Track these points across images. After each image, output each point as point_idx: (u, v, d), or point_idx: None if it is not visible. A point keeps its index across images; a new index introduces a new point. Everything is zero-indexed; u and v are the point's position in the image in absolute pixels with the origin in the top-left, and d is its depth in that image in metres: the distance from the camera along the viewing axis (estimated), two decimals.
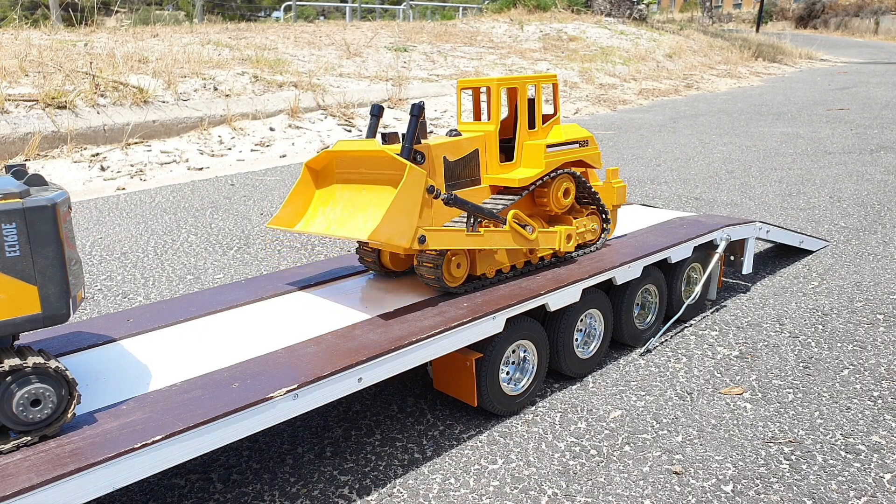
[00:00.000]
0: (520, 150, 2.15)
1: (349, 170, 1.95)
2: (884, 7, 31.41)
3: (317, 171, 2.01)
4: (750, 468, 1.70)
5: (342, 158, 1.96)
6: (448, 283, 1.94)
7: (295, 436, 1.89)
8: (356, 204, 1.89)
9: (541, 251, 2.18)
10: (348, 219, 1.86)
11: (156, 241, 3.66)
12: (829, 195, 4.44)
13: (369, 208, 1.84)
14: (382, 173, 1.86)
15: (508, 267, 2.11)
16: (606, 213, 2.38)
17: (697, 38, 17.31)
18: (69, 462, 1.20)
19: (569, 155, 2.20)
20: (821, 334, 2.46)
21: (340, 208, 1.92)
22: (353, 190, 1.93)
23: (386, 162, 1.83)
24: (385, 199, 1.81)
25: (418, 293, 2.01)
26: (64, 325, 1.81)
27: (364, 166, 1.90)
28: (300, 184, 1.98)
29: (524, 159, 2.15)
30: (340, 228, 1.85)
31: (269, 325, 1.80)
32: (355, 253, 2.21)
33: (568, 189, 2.22)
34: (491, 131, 2.07)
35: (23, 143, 5.23)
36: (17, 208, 1.21)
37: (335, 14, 22.41)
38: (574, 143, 2.23)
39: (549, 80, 2.22)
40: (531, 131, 2.17)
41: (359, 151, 1.89)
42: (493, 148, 2.08)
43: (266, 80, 7.45)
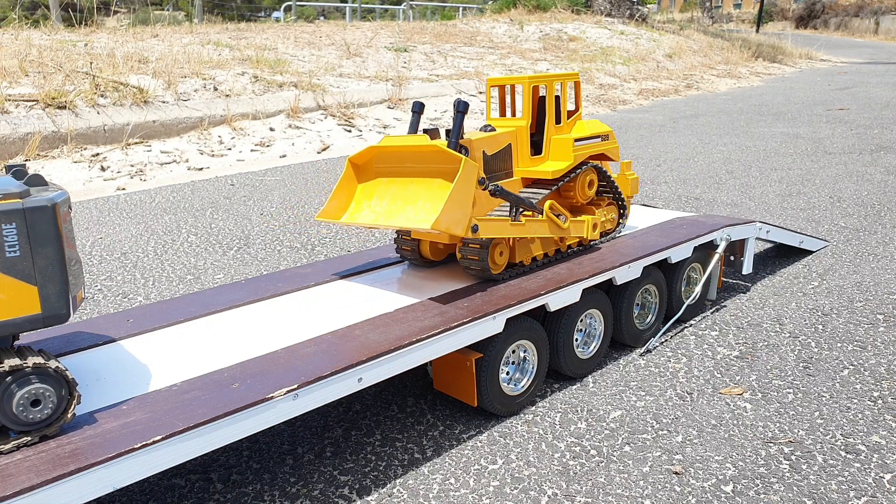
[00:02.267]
0: (548, 145, 2.26)
1: (393, 164, 2.03)
2: (884, 7, 31.40)
3: (359, 166, 2.09)
4: (750, 468, 1.70)
5: (387, 153, 2.03)
6: (492, 270, 2.04)
7: (295, 436, 1.89)
8: (404, 196, 1.97)
9: (569, 239, 2.31)
10: (398, 211, 1.95)
11: (156, 241, 3.66)
12: (829, 195, 4.44)
13: (420, 200, 1.93)
14: (432, 167, 1.94)
15: (542, 255, 2.23)
16: (624, 203, 2.51)
17: (697, 39, 17.31)
18: (69, 462, 1.20)
19: (593, 148, 2.33)
20: (821, 334, 2.46)
21: (387, 201, 2.00)
22: (398, 184, 2.02)
23: (438, 156, 1.91)
24: (438, 190, 1.91)
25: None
26: (64, 325, 1.81)
27: (411, 160, 1.99)
28: (344, 178, 2.06)
29: (552, 153, 2.27)
30: (391, 220, 1.94)
31: (269, 325, 1.80)
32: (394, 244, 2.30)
33: (592, 181, 2.37)
34: (522, 126, 2.19)
35: (23, 143, 5.23)
36: (17, 208, 1.21)
37: (335, 14, 22.41)
38: (597, 138, 2.36)
39: (572, 78, 2.37)
40: (558, 126, 2.28)
41: (407, 146, 1.97)
42: (525, 142, 2.20)
43: (266, 80, 7.45)
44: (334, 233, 3.75)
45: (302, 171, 5.45)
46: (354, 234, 3.70)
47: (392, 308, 1.88)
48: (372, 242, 3.56)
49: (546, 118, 2.25)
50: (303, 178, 5.15)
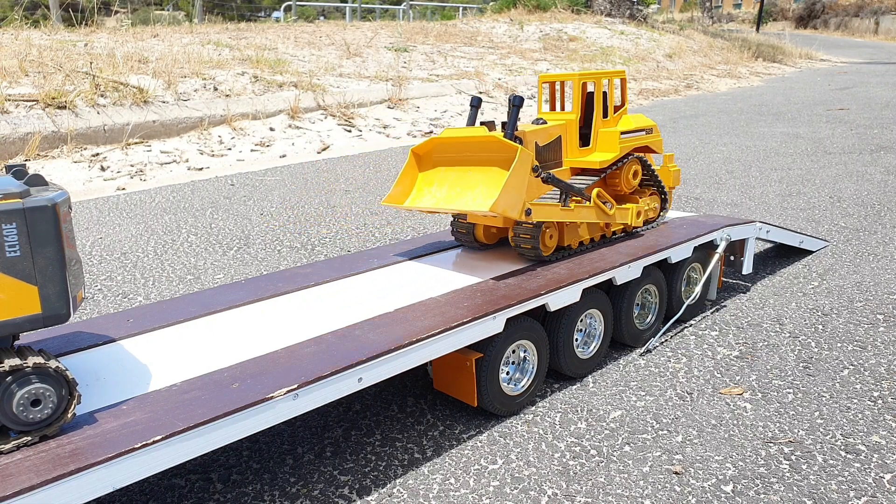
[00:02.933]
0: (595, 137, 2.42)
1: (452, 154, 2.20)
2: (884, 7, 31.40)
3: (420, 156, 2.26)
4: (750, 468, 1.70)
5: (447, 144, 2.19)
6: (543, 252, 2.21)
7: (295, 436, 1.89)
8: (462, 183, 2.14)
9: (614, 226, 2.46)
10: (458, 196, 2.12)
11: (156, 241, 3.66)
12: (829, 195, 4.44)
13: (478, 186, 2.09)
14: (489, 156, 2.10)
15: (588, 239, 2.40)
16: (665, 193, 2.65)
17: (697, 38, 17.31)
18: (69, 462, 1.20)
19: (638, 141, 2.49)
20: (821, 334, 2.46)
21: (446, 188, 2.17)
22: (457, 171, 2.18)
23: (495, 145, 2.06)
24: (495, 177, 2.06)
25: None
26: (64, 325, 1.81)
27: (470, 150, 2.14)
28: (406, 167, 2.23)
29: (599, 145, 2.42)
30: (452, 204, 2.11)
31: (269, 325, 1.80)
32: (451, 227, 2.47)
33: (636, 171, 2.53)
34: (572, 120, 2.35)
35: (23, 143, 5.23)
36: (17, 208, 1.21)
37: (335, 14, 22.41)
38: (642, 131, 2.52)
39: (619, 75, 2.52)
40: (605, 120, 2.44)
41: (467, 137, 2.13)
42: (574, 134, 2.37)
43: (266, 80, 7.45)
44: (334, 233, 3.75)
45: (302, 171, 5.45)
46: (354, 235, 3.70)
47: (392, 308, 1.88)
48: (372, 242, 3.56)
49: (594, 112, 2.40)
50: (303, 178, 5.15)
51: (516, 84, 9.72)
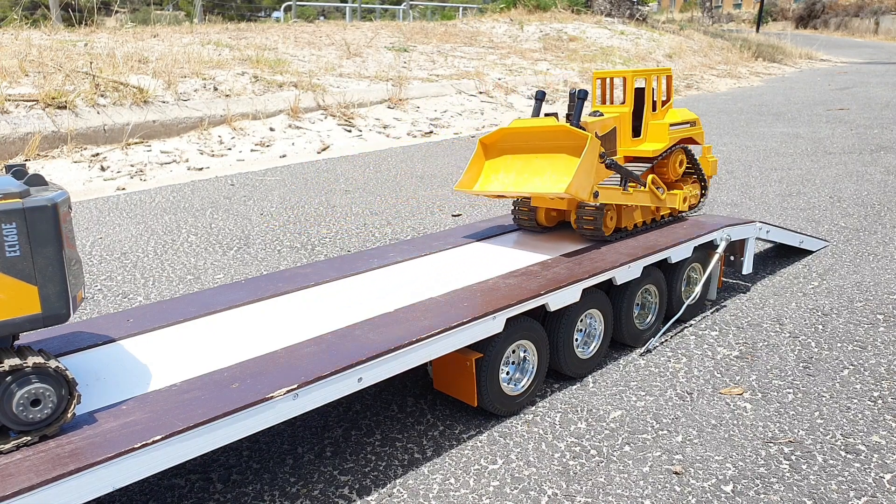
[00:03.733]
0: (646, 128, 2.62)
1: (519, 142, 2.36)
2: (884, 7, 31.40)
3: (487, 146, 2.43)
4: (750, 468, 1.70)
5: (514, 134, 2.35)
6: (605, 232, 2.43)
7: (295, 436, 1.89)
8: (530, 169, 2.30)
9: (663, 210, 2.68)
10: (527, 180, 2.29)
11: (156, 241, 3.66)
12: (829, 195, 4.44)
13: (547, 171, 2.25)
14: (558, 143, 2.26)
15: (641, 222, 2.60)
16: (706, 181, 2.86)
17: (697, 38, 17.31)
18: (69, 462, 1.20)
19: (684, 132, 2.69)
20: (821, 334, 2.46)
21: (514, 174, 2.33)
22: (524, 159, 2.34)
23: (564, 134, 2.23)
24: (565, 163, 2.23)
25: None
26: (64, 325, 1.81)
27: (538, 139, 2.31)
28: (475, 156, 2.40)
29: (649, 135, 2.63)
30: (522, 187, 2.28)
31: (269, 325, 1.80)
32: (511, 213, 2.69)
33: (682, 160, 2.74)
34: (626, 112, 2.55)
35: (23, 143, 5.23)
36: (17, 208, 1.21)
37: (335, 14, 22.41)
38: (687, 124, 2.71)
39: (666, 72, 2.71)
40: (653, 113, 2.64)
41: (536, 127, 2.29)
42: (627, 126, 2.56)
43: (266, 80, 7.45)
44: (334, 233, 3.75)
45: (302, 171, 5.45)
46: (354, 235, 3.70)
47: (392, 308, 1.88)
48: (372, 242, 3.56)
49: (644, 106, 2.60)
50: (303, 178, 5.15)
51: (516, 84, 9.72)
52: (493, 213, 4.10)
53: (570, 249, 2.37)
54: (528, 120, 2.34)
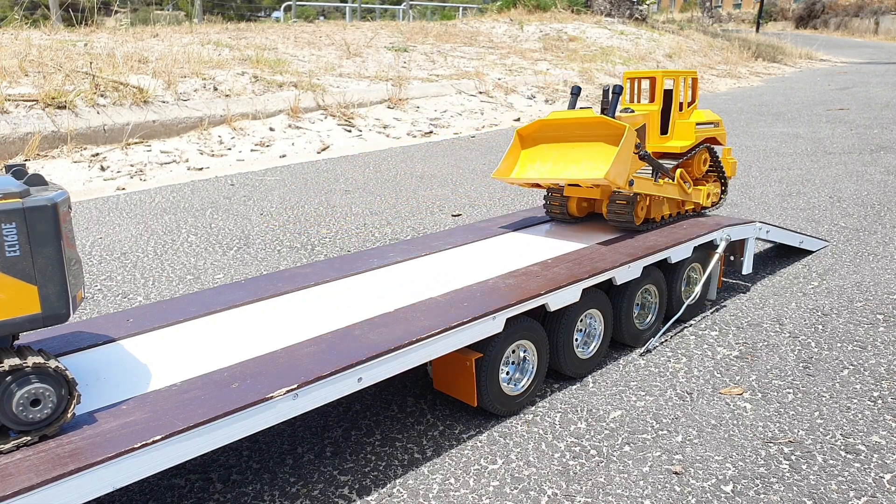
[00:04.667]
0: (673, 126, 2.74)
1: (556, 133, 2.46)
2: (884, 7, 31.40)
3: (524, 137, 2.54)
4: (750, 468, 1.70)
5: (552, 125, 2.45)
6: (636, 222, 2.52)
7: (295, 436, 1.89)
8: (567, 157, 2.40)
9: (688, 204, 2.80)
10: (563, 168, 2.39)
11: (156, 241, 3.66)
12: (829, 195, 4.44)
13: (584, 160, 2.35)
14: (596, 134, 2.36)
15: (668, 215, 2.71)
16: (726, 180, 2.99)
17: (697, 38, 17.31)
18: (69, 462, 1.20)
19: (708, 132, 2.82)
20: (821, 334, 2.46)
21: (551, 163, 2.44)
22: (561, 147, 2.44)
23: (602, 125, 2.33)
24: (602, 151, 2.33)
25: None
26: (64, 325, 1.81)
27: (575, 130, 2.41)
28: (512, 146, 2.52)
29: (676, 133, 2.74)
30: (559, 175, 2.38)
31: (269, 325, 1.80)
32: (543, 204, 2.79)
33: (706, 158, 2.87)
34: (654, 111, 2.68)
35: (23, 143, 5.23)
36: (17, 208, 1.21)
37: (335, 14, 22.40)
38: (711, 124, 2.84)
39: (692, 75, 2.83)
40: (680, 113, 2.75)
41: (574, 118, 2.40)
42: (656, 123, 2.69)
43: (266, 80, 7.45)
44: (334, 233, 3.75)
45: (302, 171, 5.45)
46: (354, 234, 3.70)
47: (392, 308, 1.88)
48: (372, 242, 3.56)
49: (672, 105, 2.71)
50: (303, 178, 5.15)
51: (516, 84, 9.73)
52: (493, 212, 4.10)
53: (571, 249, 2.37)
54: (565, 112, 2.44)
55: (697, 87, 2.83)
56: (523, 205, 4.28)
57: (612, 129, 2.32)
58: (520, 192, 4.63)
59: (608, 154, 2.30)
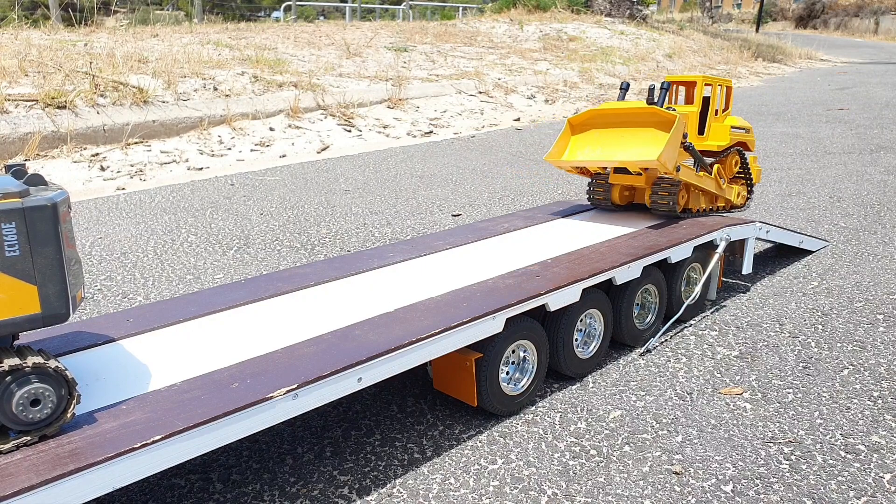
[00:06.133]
0: (709, 128, 2.92)
1: (607, 121, 2.63)
2: (884, 7, 31.40)
3: (574, 125, 2.73)
4: (750, 468, 1.70)
5: (603, 114, 2.64)
6: (676, 209, 2.67)
7: (295, 436, 1.89)
8: (619, 142, 2.58)
9: (720, 201, 2.98)
10: (615, 152, 2.56)
11: (156, 241, 3.65)
12: (829, 195, 4.44)
13: (635, 144, 2.52)
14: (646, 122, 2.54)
15: (703, 208, 2.88)
16: (752, 185, 3.17)
17: (697, 38, 17.31)
18: (69, 462, 1.20)
19: (741, 136, 3.00)
20: (821, 334, 2.46)
21: (601, 147, 2.61)
22: (611, 133, 2.62)
23: (653, 115, 2.53)
24: (653, 137, 2.50)
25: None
26: (64, 325, 1.81)
27: (626, 118, 2.58)
28: (563, 133, 2.74)
29: (712, 134, 2.92)
30: (610, 157, 2.55)
31: (269, 325, 1.80)
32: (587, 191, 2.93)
33: (737, 161, 3.06)
34: (694, 112, 2.85)
35: (23, 143, 5.23)
36: (16, 208, 1.21)
37: (335, 14, 22.40)
38: (743, 129, 3.01)
39: (727, 83, 3.00)
40: (716, 116, 2.93)
41: (625, 108, 2.58)
42: (694, 123, 2.87)
43: (266, 80, 7.44)
44: (334, 233, 3.75)
45: (302, 170, 5.44)
46: (354, 235, 3.70)
47: (392, 308, 1.88)
48: (372, 242, 3.56)
49: (709, 109, 2.89)
50: (303, 178, 5.15)
51: (516, 84, 9.73)
52: (493, 212, 4.10)
53: (571, 249, 2.37)
54: (617, 102, 2.63)
55: (731, 95, 3.00)
56: (523, 205, 4.28)
57: (663, 117, 2.49)
58: (519, 192, 4.63)
59: (660, 139, 2.46)
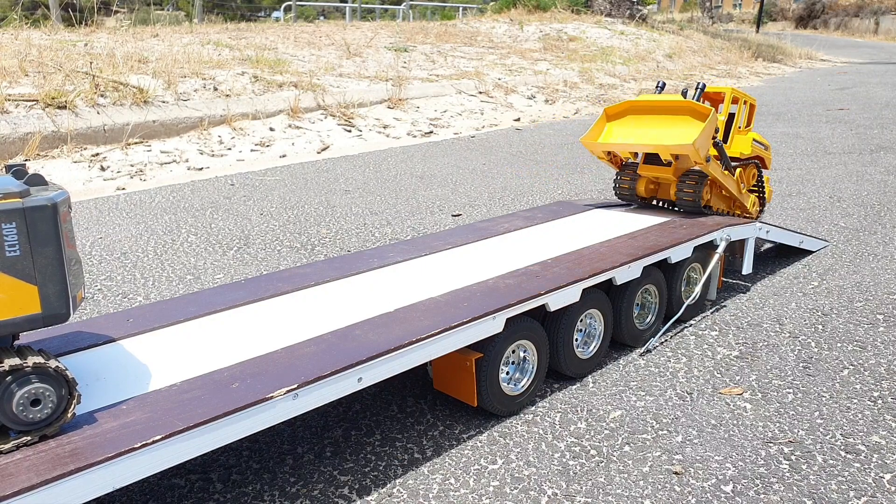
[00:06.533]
0: (733, 138, 3.03)
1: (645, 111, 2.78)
2: (884, 7, 31.39)
3: (610, 115, 2.87)
4: (750, 468, 1.70)
5: (640, 105, 2.80)
6: (701, 203, 2.77)
7: (295, 436, 1.89)
8: (653, 129, 2.72)
9: (738, 206, 3.08)
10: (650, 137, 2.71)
11: (156, 241, 3.66)
12: (829, 195, 4.44)
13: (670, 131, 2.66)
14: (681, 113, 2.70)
15: (722, 209, 2.99)
16: (765, 201, 3.27)
17: (697, 39, 17.31)
18: (69, 462, 1.20)
19: (760, 151, 3.17)
20: (821, 334, 2.46)
21: (636, 134, 2.76)
22: (647, 120, 2.77)
23: (688, 108, 2.68)
24: (688, 125, 2.64)
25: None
26: (64, 325, 1.81)
27: (663, 109, 2.73)
28: (598, 120, 2.87)
29: (734, 144, 3.02)
30: (645, 142, 2.70)
31: (269, 325, 1.80)
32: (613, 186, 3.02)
33: (754, 173, 3.16)
34: (722, 120, 2.99)
35: (23, 143, 5.23)
36: (17, 208, 1.21)
37: (335, 14, 22.40)
38: (763, 145, 3.19)
39: (752, 100, 3.12)
40: (739, 129, 3.06)
41: (660, 101, 2.74)
42: (721, 131, 2.95)
43: (266, 80, 7.45)
44: (334, 233, 3.75)
45: (302, 171, 5.45)
46: (354, 235, 3.70)
47: (392, 308, 1.88)
48: (372, 242, 3.56)
49: (734, 122, 3.03)
50: (303, 178, 5.15)
51: (516, 84, 9.73)
52: (493, 212, 4.10)
53: (571, 249, 2.37)
54: (653, 95, 2.81)
55: (754, 113, 3.14)
56: (523, 205, 4.28)
57: (699, 109, 2.65)
58: (519, 192, 4.63)
59: (695, 127, 2.59)
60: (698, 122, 2.61)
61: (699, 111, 2.64)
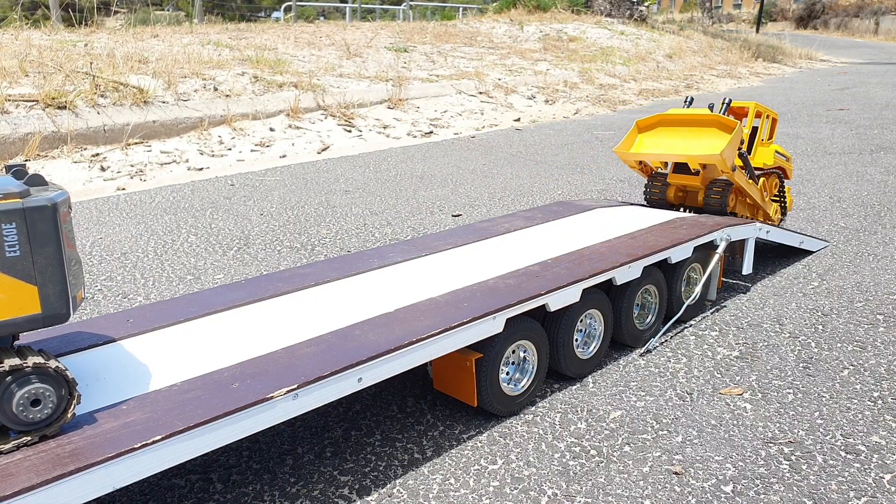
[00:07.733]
0: (755, 149, 3.17)
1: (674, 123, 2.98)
2: (884, 7, 31.39)
3: (641, 127, 3.05)
4: (750, 468, 1.70)
5: (670, 118, 2.99)
6: (727, 208, 2.90)
7: (295, 436, 1.89)
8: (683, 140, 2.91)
9: (761, 213, 3.20)
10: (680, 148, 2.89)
11: (156, 241, 3.66)
12: (829, 195, 4.44)
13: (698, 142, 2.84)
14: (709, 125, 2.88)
15: (744, 215, 3.10)
16: (786, 210, 3.42)
17: (697, 39, 17.31)
18: (69, 462, 1.20)
19: (782, 162, 3.31)
20: (821, 334, 2.46)
21: (666, 145, 2.94)
22: (677, 132, 2.97)
23: (716, 122, 2.86)
24: (717, 136, 2.82)
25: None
26: (64, 325, 1.81)
27: (692, 122, 2.92)
28: (630, 132, 3.06)
29: (758, 156, 3.17)
30: (675, 152, 2.89)
31: (269, 325, 1.80)
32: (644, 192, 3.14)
33: (776, 183, 3.30)
34: (746, 133, 3.13)
35: (23, 144, 5.23)
36: (17, 208, 1.21)
37: (335, 14, 22.40)
38: (784, 157, 3.33)
39: (775, 115, 3.28)
40: (762, 141, 3.22)
41: (689, 114, 2.94)
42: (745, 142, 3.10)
43: (266, 80, 7.45)
44: (334, 233, 3.75)
45: (302, 171, 5.45)
46: (354, 235, 3.70)
47: (392, 308, 1.88)
48: (372, 242, 3.56)
49: (757, 135, 3.17)
50: (303, 179, 5.15)
51: (516, 84, 9.73)
52: (493, 212, 4.10)
53: (571, 249, 2.37)
54: (682, 110, 3.01)
55: (776, 127, 3.30)
56: (523, 205, 4.28)
57: (726, 122, 2.83)
58: (519, 192, 4.63)
59: (722, 139, 2.78)
60: (725, 134, 2.79)
61: (726, 124, 2.82)
